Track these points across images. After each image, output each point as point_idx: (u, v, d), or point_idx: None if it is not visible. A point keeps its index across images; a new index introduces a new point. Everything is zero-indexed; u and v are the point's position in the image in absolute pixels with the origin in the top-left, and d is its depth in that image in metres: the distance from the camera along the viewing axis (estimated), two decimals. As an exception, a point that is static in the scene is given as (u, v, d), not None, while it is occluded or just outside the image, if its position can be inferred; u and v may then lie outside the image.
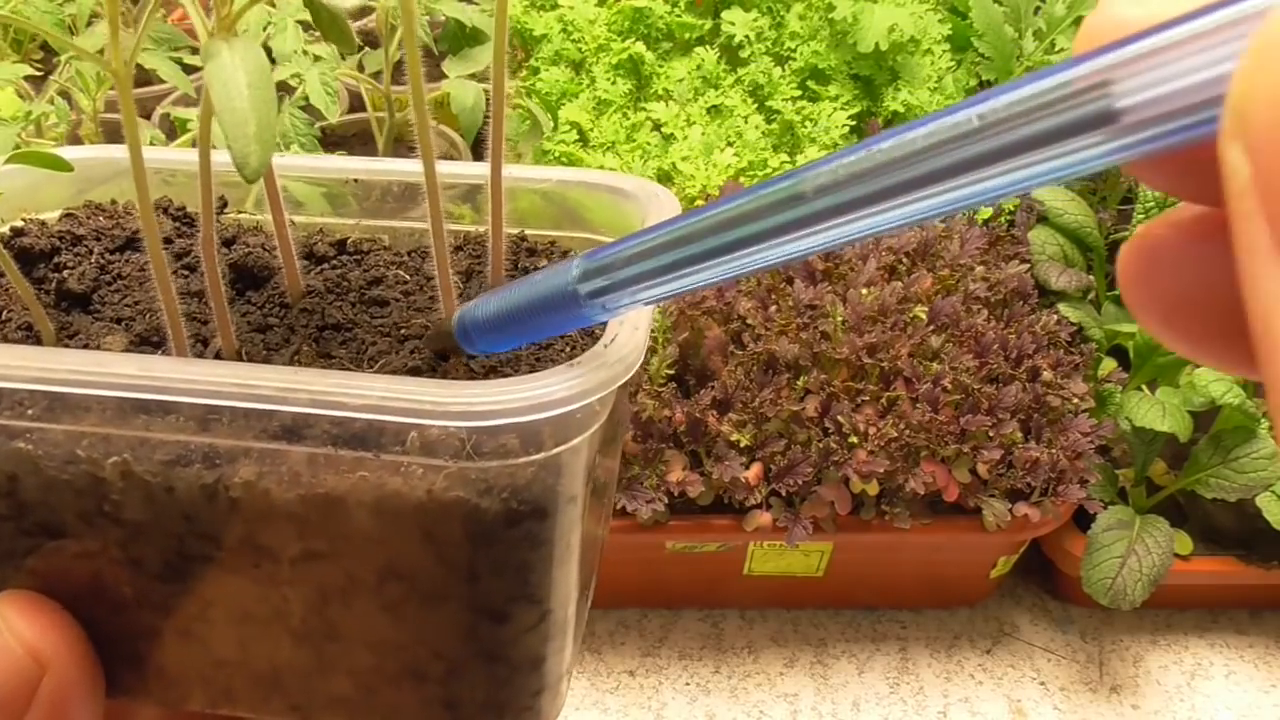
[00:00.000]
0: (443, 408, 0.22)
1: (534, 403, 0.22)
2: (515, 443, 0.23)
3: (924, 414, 0.72)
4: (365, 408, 0.22)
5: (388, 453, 0.23)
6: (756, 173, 0.96)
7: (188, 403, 0.23)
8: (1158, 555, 0.76)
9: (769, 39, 1.06)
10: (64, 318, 0.31)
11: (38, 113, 0.83)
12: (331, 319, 0.31)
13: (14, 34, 0.98)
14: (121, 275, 0.34)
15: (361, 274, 0.34)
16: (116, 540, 0.26)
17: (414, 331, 0.30)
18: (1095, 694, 0.81)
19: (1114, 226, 0.98)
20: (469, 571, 0.25)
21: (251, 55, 0.23)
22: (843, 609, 0.87)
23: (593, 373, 0.23)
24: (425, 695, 0.28)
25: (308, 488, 0.24)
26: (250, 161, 0.22)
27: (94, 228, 0.36)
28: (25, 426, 0.24)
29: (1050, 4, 1.04)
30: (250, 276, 0.33)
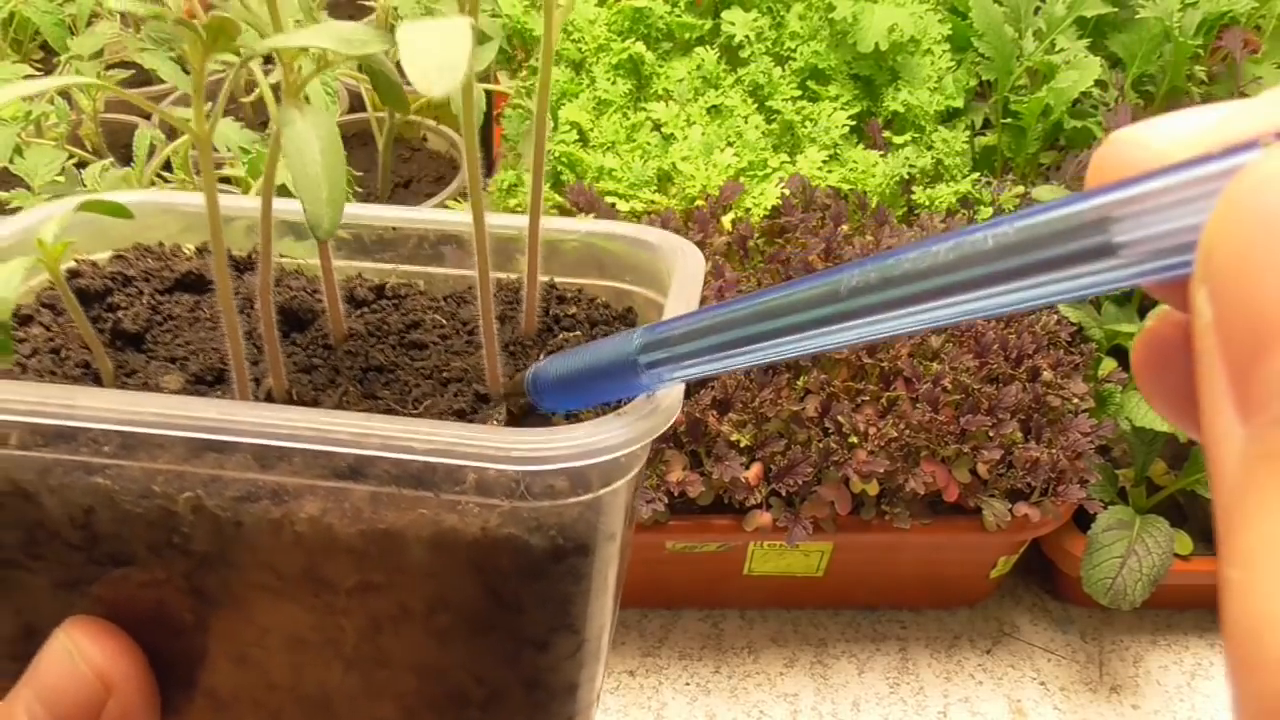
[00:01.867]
0: (505, 452, 0.24)
1: (587, 449, 0.24)
2: (565, 484, 0.25)
3: (924, 414, 0.72)
4: (433, 451, 0.24)
5: (447, 492, 0.25)
6: (756, 173, 0.96)
7: (262, 444, 0.25)
8: (1158, 555, 0.76)
9: (769, 39, 1.06)
10: (119, 356, 0.33)
11: (38, 113, 0.83)
12: (375, 361, 0.33)
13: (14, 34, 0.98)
14: (172, 316, 0.35)
15: (400, 318, 0.35)
16: (182, 570, 0.27)
17: (454, 374, 0.32)
18: (1095, 694, 0.81)
19: (1114, 226, 0.98)
20: (515, 603, 0.27)
21: (323, 123, 0.25)
22: (843, 609, 0.87)
23: (639, 422, 0.25)
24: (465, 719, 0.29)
25: (369, 523, 0.26)
26: (323, 224, 0.24)
27: (143, 269, 0.37)
28: (104, 463, 0.26)
29: (1050, 4, 1.04)
30: (295, 319, 0.35)
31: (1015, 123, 1.02)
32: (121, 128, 1.02)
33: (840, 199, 0.93)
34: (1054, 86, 0.99)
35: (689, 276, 0.33)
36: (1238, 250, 0.13)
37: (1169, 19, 1.02)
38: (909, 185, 0.99)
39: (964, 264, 0.17)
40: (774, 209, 0.92)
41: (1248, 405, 0.13)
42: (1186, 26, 1.02)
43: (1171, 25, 1.02)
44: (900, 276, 0.18)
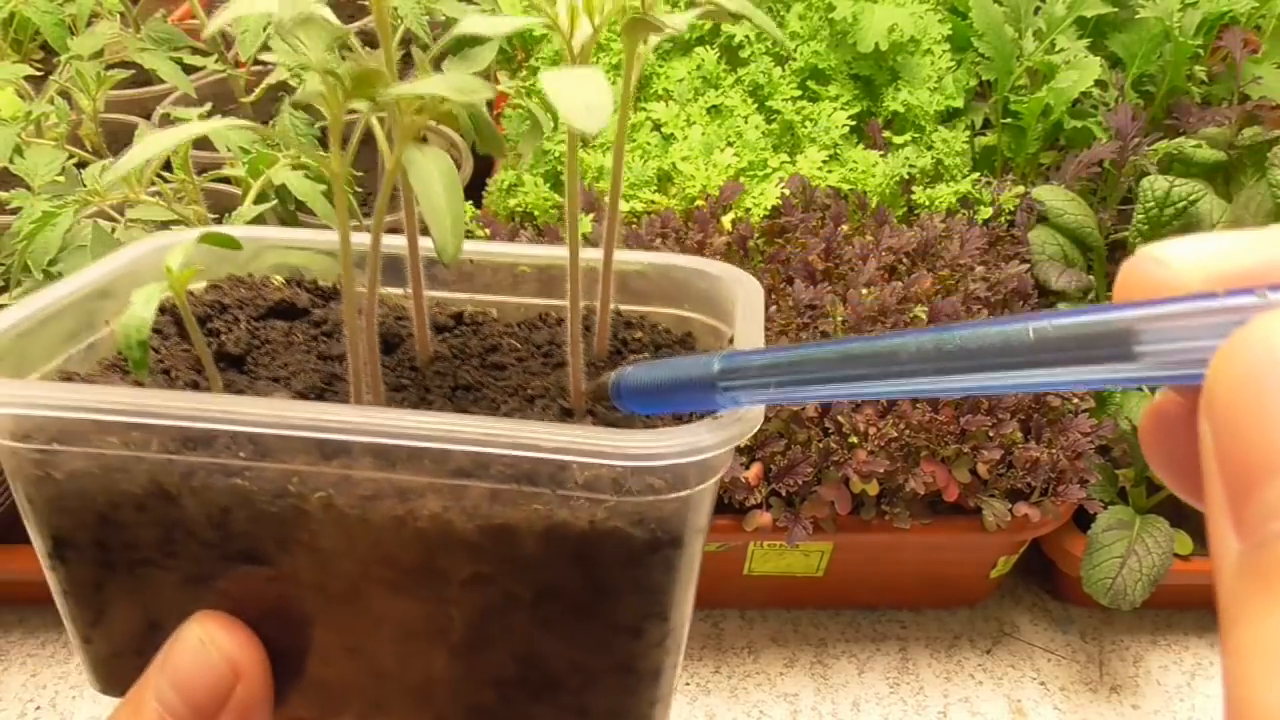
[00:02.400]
0: (619, 450, 0.26)
1: (685, 449, 0.27)
2: (664, 482, 0.27)
3: (924, 414, 0.72)
4: (555, 449, 0.26)
5: (561, 489, 0.27)
6: (756, 173, 0.96)
7: (394, 444, 0.27)
8: (1158, 555, 0.76)
9: (769, 39, 1.06)
10: (225, 376, 0.35)
11: (38, 113, 0.83)
12: (462, 380, 0.35)
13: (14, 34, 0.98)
14: (268, 340, 0.37)
15: (479, 342, 0.38)
16: (307, 565, 0.29)
17: (537, 392, 0.34)
18: (1095, 694, 0.81)
19: (1114, 226, 0.98)
20: (614, 591, 0.29)
21: (442, 161, 0.27)
22: (843, 609, 0.87)
23: (731, 426, 0.28)
24: (560, 704, 0.31)
25: (486, 518, 0.28)
26: (448, 250, 0.26)
27: (237, 298, 0.40)
28: (244, 465, 0.28)
29: (1050, 4, 1.04)
30: (384, 342, 0.37)
31: (1015, 123, 1.02)
32: (121, 128, 1.02)
33: (840, 199, 0.93)
34: (1054, 86, 0.99)
35: (752, 306, 0.35)
36: (1233, 399, 0.16)
37: (1169, 19, 1.02)
38: (909, 185, 0.99)
39: (1007, 350, 0.21)
40: (774, 209, 0.92)
41: (1241, 525, 0.16)
42: (1186, 26, 1.02)
43: (1171, 25, 1.02)
44: (953, 351, 0.22)
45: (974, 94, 1.07)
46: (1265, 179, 0.92)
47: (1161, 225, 0.90)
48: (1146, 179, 0.90)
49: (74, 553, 0.31)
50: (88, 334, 0.36)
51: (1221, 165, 0.98)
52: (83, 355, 0.35)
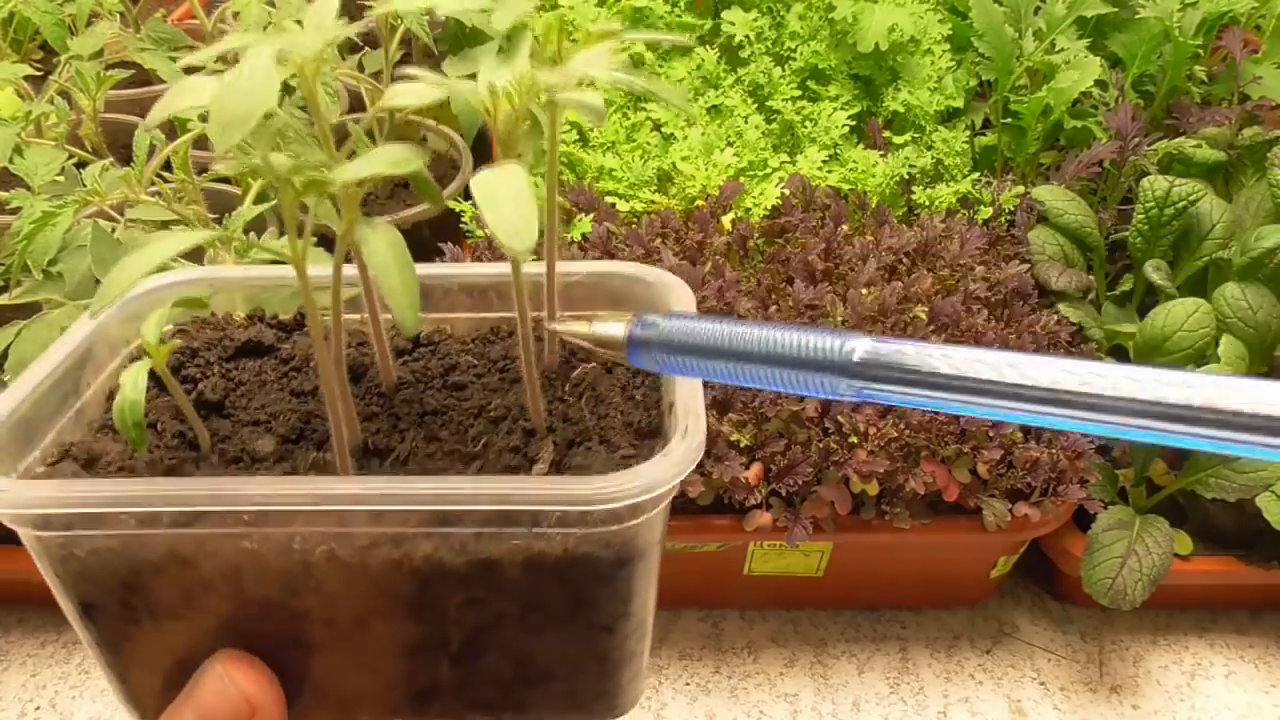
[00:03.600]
0: (586, 497, 0.30)
1: (643, 488, 0.30)
2: (625, 512, 0.31)
3: (924, 414, 0.72)
4: (532, 500, 0.30)
5: (538, 527, 0.31)
6: (756, 173, 0.96)
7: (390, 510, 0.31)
8: (1158, 555, 0.76)
9: (769, 39, 1.06)
10: (208, 424, 0.37)
11: (38, 113, 0.83)
12: (428, 405, 0.37)
13: (14, 34, 0.98)
14: (242, 382, 0.39)
15: (439, 363, 0.41)
16: (315, 605, 0.33)
17: (499, 413, 0.37)
18: (1095, 694, 0.81)
19: (1114, 226, 0.98)
20: (590, 601, 0.33)
21: (390, 235, 0.30)
22: (843, 609, 0.87)
23: (681, 459, 0.31)
24: (552, 690, 0.35)
25: (473, 555, 0.32)
26: (407, 324, 0.29)
27: (205, 340, 0.41)
28: (249, 533, 0.31)
29: (1050, 4, 1.04)
30: (350, 372, 0.39)
31: (1015, 123, 1.02)
32: (121, 128, 1.02)
33: (840, 199, 0.93)
34: (1054, 86, 0.99)
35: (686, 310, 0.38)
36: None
37: (1169, 19, 1.02)
38: (909, 185, 0.99)
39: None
40: (774, 209, 0.92)
41: None
42: (1186, 26, 1.02)
43: (1171, 25, 1.02)
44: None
45: (974, 94, 1.07)
46: (1265, 179, 0.92)
47: (1161, 225, 0.90)
48: (1146, 179, 0.90)
49: (101, 614, 0.34)
50: (74, 399, 0.38)
51: (1221, 165, 0.98)
52: (73, 422, 0.37)
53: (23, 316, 0.67)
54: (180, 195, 0.74)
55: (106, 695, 0.79)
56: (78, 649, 0.83)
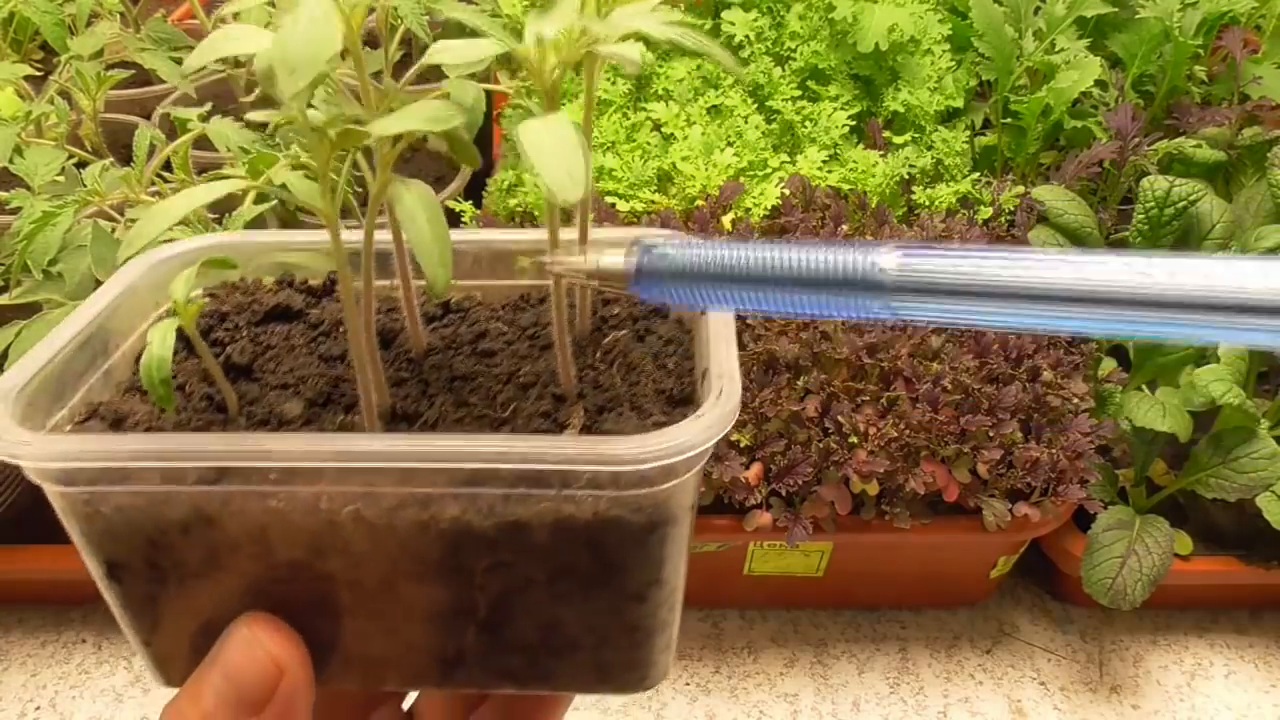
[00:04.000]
0: (616, 456, 0.29)
1: (674, 449, 0.29)
2: (657, 474, 0.30)
3: (924, 414, 0.72)
4: (562, 460, 0.30)
5: (567, 488, 0.30)
6: (756, 173, 0.96)
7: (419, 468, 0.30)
8: (1158, 555, 0.76)
9: (769, 39, 1.06)
10: (236, 387, 0.37)
11: (38, 113, 0.83)
12: (457, 371, 0.37)
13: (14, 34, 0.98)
14: (271, 346, 0.39)
15: (468, 329, 0.40)
16: (342, 566, 0.33)
17: (528, 379, 0.37)
18: (1095, 694, 0.81)
19: (1114, 226, 0.98)
20: (620, 566, 0.32)
21: (426, 196, 0.30)
22: (843, 609, 0.87)
23: (714, 422, 0.30)
24: (580, 661, 0.35)
25: (500, 517, 0.31)
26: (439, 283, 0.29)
27: (234, 304, 0.41)
28: (276, 490, 0.31)
29: (1050, 4, 1.04)
30: (380, 338, 0.39)
31: (1015, 123, 1.02)
32: (121, 127, 1.02)
33: (840, 199, 0.93)
34: (1054, 86, 0.99)
35: None
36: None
37: (1169, 19, 1.02)
38: (909, 185, 0.99)
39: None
40: (774, 209, 0.92)
41: None
42: (1186, 26, 1.02)
43: (1171, 25, 1.02)
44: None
45: (974, 94, 1.07)
46: (1265, 179, 0.92)
47: (1161, 225, 0.90)
48: (1146, 179, 0.90)
49: (127, 573, 0.34)
50: (103, 360, 0.38)
51: (1221, 165, 0.98)
52: (101, 382, 0.37)
53: (23, 316, 0.67)
54: (180, 195, 0.74)
55: (106, 695, 0.79)
56: (78, 649, 0.83)
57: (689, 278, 0.29)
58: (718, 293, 0.28)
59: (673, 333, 0.40)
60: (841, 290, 0.25)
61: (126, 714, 0.78)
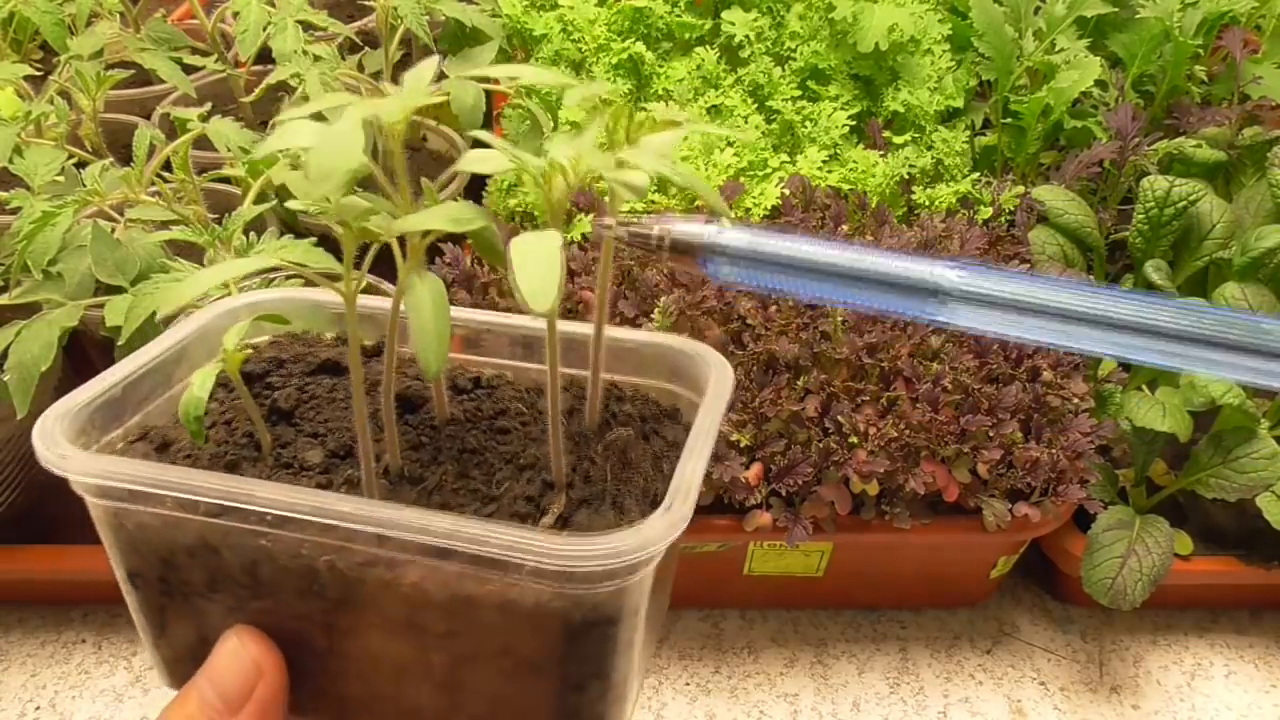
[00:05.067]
0: (551, 553, 0.31)
1: (611, 553, 0.31)
2: (598, 574, 0.32)
3: (924, 414, 0.72)
4: (502, 547, 0.32)
5: (511, 575, 0.33)
6: (756, 173, 0.96)
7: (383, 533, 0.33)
8: (1158, 555, 0.76)
9: (769, 39, 1.06)
10: (275, 430, 0.41)
11: (38, 113, 0.83)
12: (469, 444, 0.40)
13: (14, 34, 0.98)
14: (315, 396, 0.43)
15: (491, 405, 0.42)
16: (318, 608, 0.36)
17: (528, 461, 0.39)
18: (1095, 694, 0.81)
19: (1114, 226, 0.98)
20: (560, 655, 0.34)
21: (436, 288, 0.32)
22: (843, 609, 0.87)
23: (651, 534, 0.32)
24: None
25: (454, 590, 0.34)
26: (431, 367, 0.31)
27: (293, 354, 0.45)
28: (266, 531, 0.34)
29: (1050, 4, 1.04)
30: (409, 402, 0.42)
31: (1015, 123, 1.02)
32: (121, 128, 1.02)
33: (840, 199, 0.93)
34: (1054, 86, 0.99)
35: (721, 393, 0.40)
36: None
37: (1169, 19, 1.02)
38: (909, 185, 0.99)
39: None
40: (774, 209, 0.92)
41: None
42: (1186, 26, 1.02)
43: (1171, 25, 1.02)
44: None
45: (974, 94, 1.07)
46: (1265, 179, 0.92)
47: (1161, 225, 0.90)
48: (1146, 179, 0.90)
49: (143, 582, 0.38)
50: (164, 390, 0.42)
51: (1221, 165, 0.98)
52: (159, 410, 0.42)
53: (23, 316, 0.67)
54: (180, 195, 0.74)
55: (106, 695, 0.79)
56: (78, 649, 0.83)
57: (760, 261, 0.30)
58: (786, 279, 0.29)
59: (678, 436, 0.41)
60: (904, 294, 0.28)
61: (126, 714, 0.78)
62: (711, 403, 0.39)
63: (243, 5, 0.92)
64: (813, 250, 0.29)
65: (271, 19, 0.93)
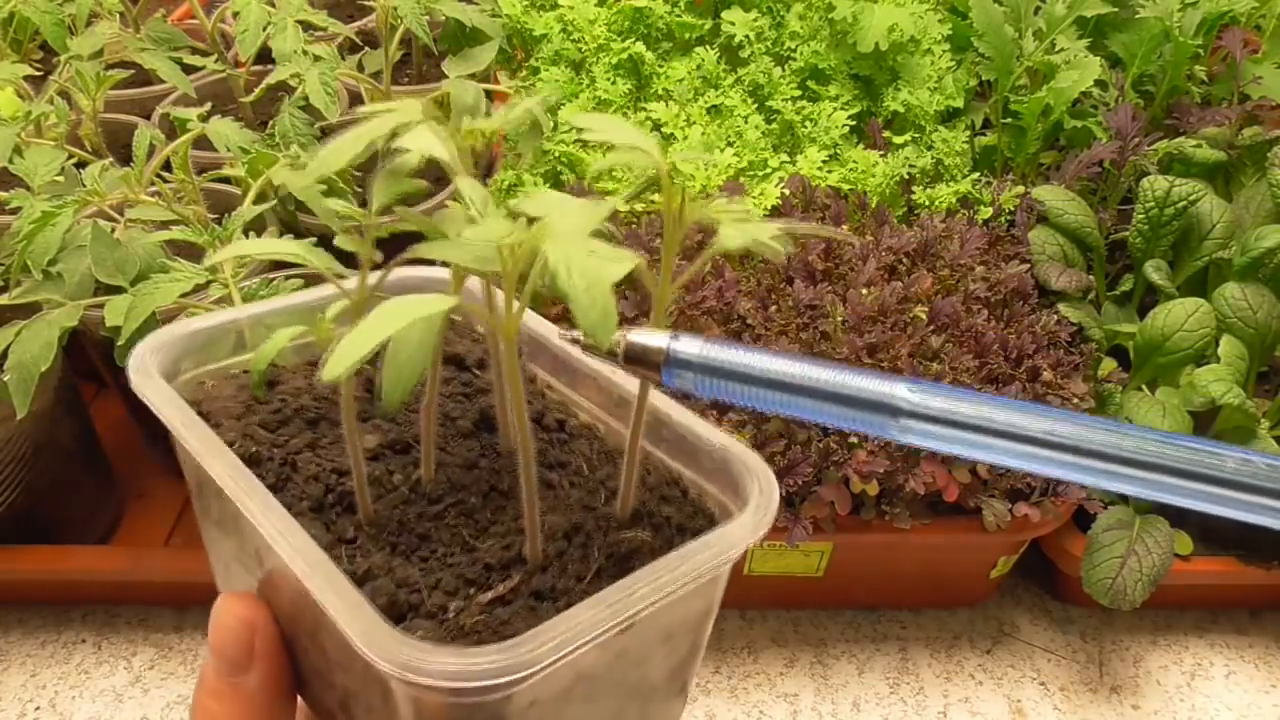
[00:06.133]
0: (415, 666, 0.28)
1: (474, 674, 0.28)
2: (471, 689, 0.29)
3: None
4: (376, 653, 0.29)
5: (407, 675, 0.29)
6: (756, 173, 0.96)
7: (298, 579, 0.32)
8: (1158, 555, 0.76)
9: (769, 39, 1.06)
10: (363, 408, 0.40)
11: (38, 113, 0.83)
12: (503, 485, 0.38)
13: (14, 34, 0.98)
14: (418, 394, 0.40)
15: (557, 454, 0.40)
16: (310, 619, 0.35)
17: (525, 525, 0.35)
18: (1095, 694, 0.81)
19: (1114, 226, 0.98)
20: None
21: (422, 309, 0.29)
22: (843, 609, 0.87)
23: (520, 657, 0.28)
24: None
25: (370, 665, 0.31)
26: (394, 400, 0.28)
27: None
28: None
29: (1050, 4, 1.04)
30: (489, 422, 0.40)
31: (1015, 123, 1.02)
32: (121, 128, 1.02)
33: (840, 199, 0.93)
34: (1054, 86, 0.99)
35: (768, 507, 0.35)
36: None
37: (1169, 19, 1.02)
38: (909, 185, 0.99)
39: None
40: (774, 209, 0.92)
41: None
42: (1186, 26, 1.02)
43: (1171, 25, 1.02)
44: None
45: (974, 94, 1.07)
46: (1265, 179, 0.92)
47: (1161, 225, 0.90)
48: (1146, 179, 0.90)
49: (196, 503, 0.41)
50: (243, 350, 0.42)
51: (1221, 165, 0.98)
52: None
53: (23, 316, 0.67)
54: (180, 195, 0.74)
55: (106, 695, 0.79)
56: (78, 649, 0.83)
57: (719, 374, 0.29)
58: (741, 390, 0.29)
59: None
60: (862, 410, 0.27)
61: (126, 714, 0.78)
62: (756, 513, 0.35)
63: (243, 5, 0.92)
64: (766, 364, 0.29)
65: (271, 19, 0.93)
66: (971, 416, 0.26)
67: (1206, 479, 0.24)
